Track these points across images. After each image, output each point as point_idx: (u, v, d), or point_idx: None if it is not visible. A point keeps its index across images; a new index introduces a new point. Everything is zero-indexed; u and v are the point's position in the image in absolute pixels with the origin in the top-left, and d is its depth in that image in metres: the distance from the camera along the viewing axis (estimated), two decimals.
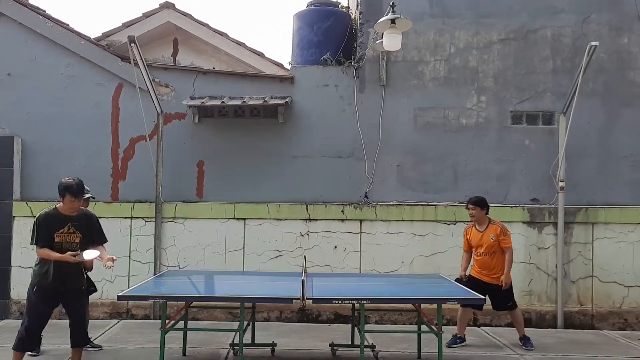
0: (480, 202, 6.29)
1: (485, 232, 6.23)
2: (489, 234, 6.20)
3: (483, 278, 6.23)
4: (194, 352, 6.00)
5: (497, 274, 6.21)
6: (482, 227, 6.29)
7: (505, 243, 6.18)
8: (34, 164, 7.61)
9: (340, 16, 8.21)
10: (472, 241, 6.35)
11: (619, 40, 7.66)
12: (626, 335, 7.10)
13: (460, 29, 7.71)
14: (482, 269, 6.26)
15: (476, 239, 6.30)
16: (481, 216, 6.28)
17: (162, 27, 9.10)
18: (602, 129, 7.62)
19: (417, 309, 5.68)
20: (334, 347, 6.00)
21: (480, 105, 7.67)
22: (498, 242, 6.17)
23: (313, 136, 7.67)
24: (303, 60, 8.01)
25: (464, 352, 6.18)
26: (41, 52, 7.68)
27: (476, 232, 6.32)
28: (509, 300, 6.30)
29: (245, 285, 6.06)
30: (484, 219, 6.31)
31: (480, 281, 6.20)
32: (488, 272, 6.23)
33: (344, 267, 7.52)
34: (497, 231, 6.19)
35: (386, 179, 7.64)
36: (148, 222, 7.53)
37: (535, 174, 7.59)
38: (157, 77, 7.68)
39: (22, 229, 7.46)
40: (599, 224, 7.50)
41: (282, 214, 7.55)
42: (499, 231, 6.19)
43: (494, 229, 6.22)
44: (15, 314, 7.49)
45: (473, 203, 6.29)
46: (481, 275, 6.26)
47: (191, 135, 7.68)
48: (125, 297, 5.19)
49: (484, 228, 6.26)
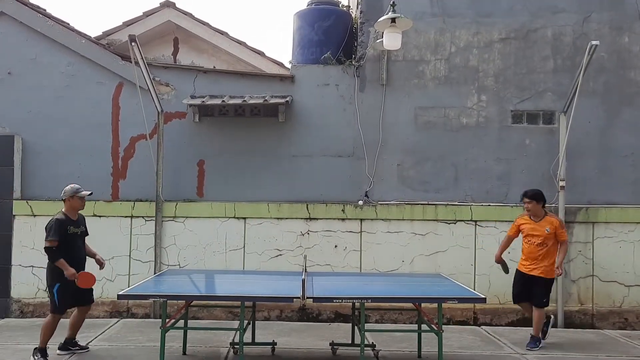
0: (536, 196, 6.27)
1: (541, 223, 6.24)
2: (545, 225, 6.21)
3: (523, 269, 6.32)
4: (194, 351, 6.00)
5: (538, 267, 6.21)
6: (537, 219, 6.31)
7: (562, 236, 6.23)
8: (35, 163, 7.61)
9: (341, 15, 8.21)
10: (523, 228, 6.36)
11: (620, 40, 7.66)
12: (626, 335, 7.11)
13: (460, 28, 7.71)
14: (526, 259, 6.31)
15: (529, 227, 6.30)
16: (537, 209, 6.28)
17: (162, 26, 9.11)
18: (603, 128, 7.62)
19: (418, 308, 5.68)
20: (334, 346, 6.01)
21: (481, 104, 7.67)
22: (554, 234, 6.19)
23: (313, 135, 7.67)
24: (303, 59, 8.01)
25: (465, 352, 6.18)
26: (41, 51, 7.67)
27: (530, 221, 6.34)
28: (545, 297, 6.28)
29: (245, 285, 6.06)
30: (540, 212, 6.30)
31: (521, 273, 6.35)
32: (530, 263, 6.26)
33: (345, 266, 7.52)
34: (555, 224, 6.22)
35: (386, 178, 7.64)
36: (148, 221, 7.54)
37: (535, 173, 7.59)
38: (158, 76, 7.68)
39: (23, 227, 7.48)
40: (600, 224, 7.50)
41: (283, 213, 7.55)
42: (557, 224, 6.23)
43: (550, 221, 6.24)
44: (16, 312, 7.50)
45: (529, 197, 6.27)
46: (522, 267, 6.35)
47: (191, 134, 7.68)
48: (126, 296, 5.20)
49: (539, 219, 6.28)
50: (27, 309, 7.48)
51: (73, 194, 5.68)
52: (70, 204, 5.70)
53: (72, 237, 5.61)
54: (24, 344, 6.13)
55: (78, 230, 5.72)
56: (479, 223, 7.54)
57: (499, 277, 7.44)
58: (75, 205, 5.72)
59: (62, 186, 7.41)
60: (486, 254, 7.47)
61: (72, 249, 5.57)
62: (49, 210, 7.46)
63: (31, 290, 7.50)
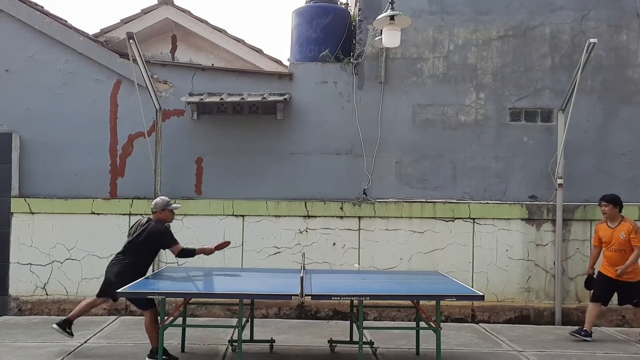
0: (613, 200, 6.42)
1: (617, 229, 6.37)
2: (620, 231, 6.33)
3: (610, 274, 6.40)
4: (192, 348, 6.01)
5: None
6: (613, 224, 6.43)
7: (636, 242, 6.25)
8: (33, 161, 7.60)
9: (339, 13, 8.21)
10: (603, 237, 6.50)
11: (618, 38, 7.67)
12: (624, 332, 7.12)
13: (459, 26, 7.71)
14: (610, 265, 6.40)
15: (607, 234, 6.45)
16: (614, 213, 6.43)
17: (160, 24, 9.09)
18: (601, 126, 7.63)
19: (416, 305, 5.69)
20: (332, 343, 6.02)
21: (479, 102, 7.68)
22: (629, 239, 6.27)
23: (312, 133, 7.67)
24: (302, 57, 8.00)
25: (463, 349, 6.20)
26: (39, 49, 7.66)
27: (607, 228, 6.47)
28: (635, 297, 6.41)
29: (243, 282, 6.06)
30: (617, 217, 6.44)
31: (606, 277, 6.44)
32: (615, 269, 6.35)
33: (343, 263, 7.53)
34: (629, 229, 6.29)
35: (385, 176, 7.65)
36: None
37: (533, 171, 7.60)
38: (156, 73, 7.67)
39: (21, 225, 7.47)
40: (597, 221, 7.48)
41: (281, 210, 7.55)
42: (630, 229, 6.29)
43: (625, 226, 6.34)
44: (14, 310, 7.50)
45: (607, 200, 6.44)
46: (608, 272, 6.43)
47: (190, 131, 7.68)
48: (124, 294, 5.19)
49: (615, 225, 6.40)
50: (25, 307, 7.48)
51: (165, 207, 5.84)
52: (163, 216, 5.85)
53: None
54: (22, 342, 6.13)
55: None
56: (477, 221, 7.55)
57: (497, 275, 7.48)
58: (167, 217, 5.87)
59: (60, 183, 7.45)
60: (484, 252, 7.50)
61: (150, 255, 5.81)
62: (47, 208, 7.49)
63: (29, 288, 7.50)
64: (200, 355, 5.80)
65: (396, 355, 5.94)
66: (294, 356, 5.86)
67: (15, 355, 5.66)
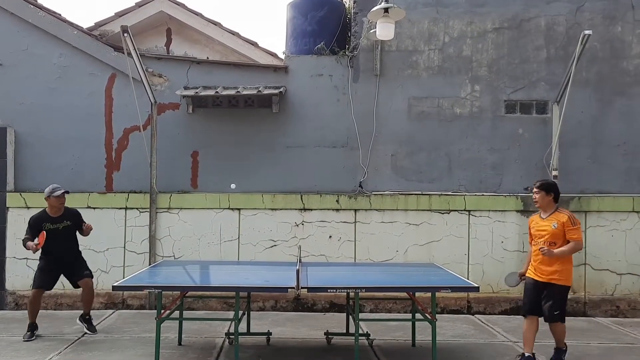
0: (546, 186, 5.27)
1: (548, 219, 5.22)
2: (552, 221, 5.18)
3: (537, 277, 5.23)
4: (189, 341, 6.03)
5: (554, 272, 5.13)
6: (545, 214, 5.28)
7: (572, 234, 5.10)
8: (28, 155, 7.58)
9: (334, 5, 8.18)
10: (533, 230, 5.38)
11: (613, 29, 7.67)
12: (618, 322, 7.18)
13: (454, 18, 7.70)
14: (538, 264, 5.23)
15: (537, 227, 5.31)
16: (546, 202, 5.25)
17: (155, 17, 9.04)
18: (595, 117, 7.65)
19: (412, 297, 5.72)
20: (328, 335, 6.05)
21: (474, 94, 7.68)
22: (563, 231, 5.11)
23: (307, 126, 7.67)
24: (297, 50, 7.99)
25: (459, 340, 6.23)
26: (33, 42, 7.63)
27: (539, 219, 5.34)
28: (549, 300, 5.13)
29: (240, 275, 6.07)
30: (550, 206, 5.27)
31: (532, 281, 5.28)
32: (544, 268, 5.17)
33: (339, 256, 7.55)
34: (563, 219, 5.12)
35: (380, 169, 7.66)
36: (143, 213, 7.53)
37: (528, 163, 7.62)
38: (151, 67, 7.65)
39: (16, 220, 7.46)
40: (592, 212, 7.54)
41: (277, 204, 7.56)
42: (566, 219, 5.12)
43: (559, 216, 5.18)
44: (11, 304, 7.50)
45: (538, 187, 5.28)
46: (535, 275, 5.26)
47: (185, 125, 7.67)
48: (121, 288, 5.20)
49: (547, 216, 5.26)
50: (22, 301, 7.48)
51: (49, 195, 6.22)
52: (49, 203, 6.27)
53: (51, 232, 6.12)
54: (18, 336, 6.13)
55: (59, 226, 6.23)
56: (472, 213, 7.58)
57: (492, 266, 7.51)
58: (51, 203, 6.25)
59: (56, 178, 7.43)
60: (479, 244, 7.53)
61: (51, 243, 6.09)
62: (43, 203, 7.42)
63: (26, 282, 7.48)
64: (197, 348, 5.82)
65: (392, 347, 5.98)
66: (290, 348, 5.88)
67: (13, 349, 5.67)
